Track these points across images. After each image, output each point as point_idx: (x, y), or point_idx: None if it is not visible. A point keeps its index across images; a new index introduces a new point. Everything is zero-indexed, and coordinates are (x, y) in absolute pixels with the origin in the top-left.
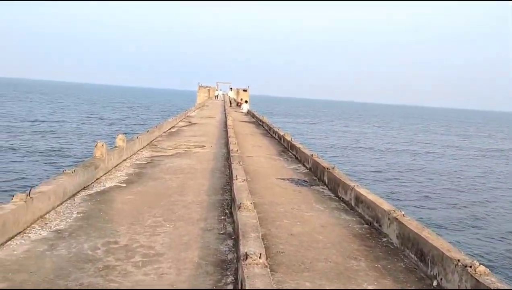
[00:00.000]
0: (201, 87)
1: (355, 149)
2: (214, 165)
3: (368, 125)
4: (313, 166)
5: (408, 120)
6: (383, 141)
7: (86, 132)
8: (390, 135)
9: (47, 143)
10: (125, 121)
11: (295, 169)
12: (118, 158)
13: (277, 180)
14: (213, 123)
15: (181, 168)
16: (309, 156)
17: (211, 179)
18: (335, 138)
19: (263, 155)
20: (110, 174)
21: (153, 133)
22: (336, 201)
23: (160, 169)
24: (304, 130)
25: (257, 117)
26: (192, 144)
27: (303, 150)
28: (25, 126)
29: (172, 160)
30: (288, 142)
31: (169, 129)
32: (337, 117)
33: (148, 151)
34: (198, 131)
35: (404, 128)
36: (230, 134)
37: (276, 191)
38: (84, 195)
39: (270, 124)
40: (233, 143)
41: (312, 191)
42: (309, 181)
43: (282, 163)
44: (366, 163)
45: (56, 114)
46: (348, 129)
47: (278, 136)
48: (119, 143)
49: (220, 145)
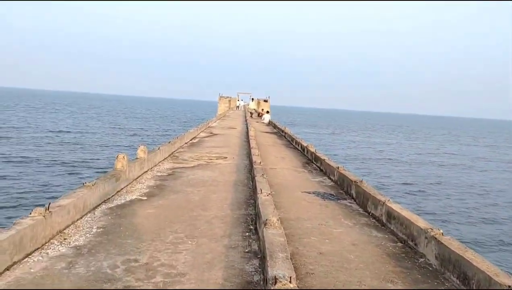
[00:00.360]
0: (222, 97)
1: (379, 160)
2: (236, 177)
3: (391, 135)
4: (339, 179)
5: (435, 130)
6: (409, 152)
7: (110, 143)
8: (415, 145)
9: (71, 154)
10: (147, 131)
11: (320, 181)
12: (139, 169)
13: (303, 193)
14: (235, 134)
15: (203, 180)
16: (335, 169)
17: (234, 192)
18: (358, 149)
19: (287, 167)
20: (131, 186)
21: (174, 144)
22: (366, 216)
23: (181, 182)
24: (326, 140)
25: (279, 127)
26: (214, 155)
27: (328, 162)
28: (51, 137)
29: (194, 172)
30: (312, 153)
31: (190, 140)
32: (360, 128)
33: (170, 162)
34: (219, 142)
35: (430, 138)
36: (252, 145)
37: (302, 206)
38: (105, 209)
39: (293, 135)
40: (256, 155)
41: (340, 205)
42: (336, 195)
43: (307, 176)
44: (391, 175)
45: (80, 124)
46: (370, 140)
47: (301, 147)
48: (140, 155)
49: (242, 156)
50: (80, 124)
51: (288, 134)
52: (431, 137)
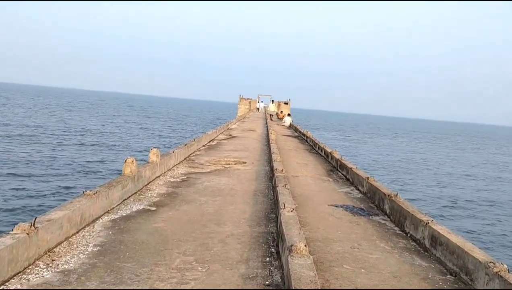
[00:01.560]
0: (243, 99)
1: (407, 167)
2: (256, 186)
3: (416, 141)
4: (369, 190)
5: (458, 137)
6: (438, 160)
7: (131, 144)
8: (443, 153)
9: (91, 155)
10: (171, 133)
11: (347, 193)
12: (150, 175)
13: (329, 207)
14: (255, 137)
15: (219, 188)
16: (364, 179)
17: (253, 204)
18: (383, 155)
19: (310, 175)
20: (139, 194)
21: (191, 147)
22: (404, 237)
23: (195, 189)
24: (347, 145)
25: (300, 131)
26: (232, 159)
27: (356, 171)
28: (75, 137)
29: (210, 178)
30: (337, 160)
31: (208, 142)
32: (384, 133)
33: (185, 166)
34: (238, 145)
35: (455, 146)
36: (273, 150)
37: (330, 222)
38: (106, 221)
39: (315, 140)
40: (277, 161)
41: (372, 223)
42: (366, 210)
43: (332, 185)
44: (425, 187)
45: (106, 124)
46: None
47: (324, 153)
48: (153, 158)
49: (263, 161)
50: (106, 124)
51: (310, 138)
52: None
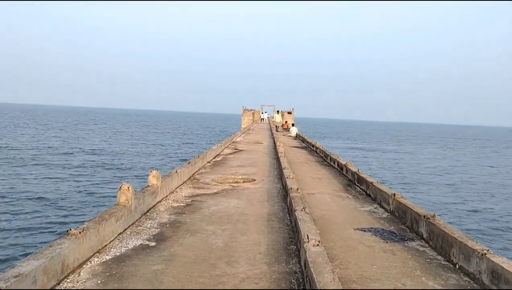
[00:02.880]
0: (246, 110)
1: (425, 177)
2: (269, 209)
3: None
4: (397, 209)
5: (467, 140)
6: (459, 169)
7: (139, 163)
8: (461, 161)
9: (91, 178)
10: (180, 149)
11: (371, 212)
12: (150, 201)
13: (356, 231)
14: (262, 150)
15: (228, 213)
16: (390, 196)
17: (268, 232)
18: (394, 163)
19: (327, 191)
20: (137, 225)
21: (195, 165)
22: (452, 270)
23: (201, 216)
24: (355, 154)
25: (308, 141)
26: (240, 177)
27: (379, 186)
28: (80, 157)
29: (217, 200)
30: (353, 173)
31: (213, 158)
32: (391, 139)
33: (189, 187)
34: (245, 160)
35: (465, 149)
36: (283, 164)
37: (361, 253)
38: (96, 265)
39: (326, 151)
40: (290, 178)
41: (409, 251)
42: (398, 233)
43: (353, 203)
44: (440, 197)
45: (110, 141)
46: (404, 151)
47: (338, 165)
48: (153, 182)
49: (273, 177)
50: (110, 141)
51: (320, 149)
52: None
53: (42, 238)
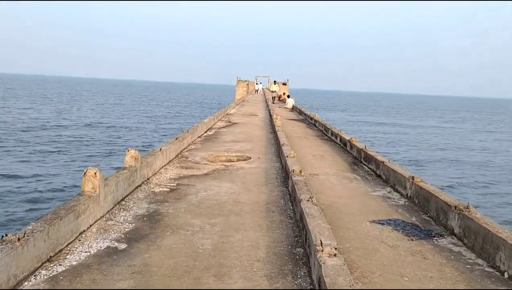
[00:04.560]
0: (240, 81)
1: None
2: (268, 195)
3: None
4: (416, 195)
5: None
6: (474, 144)
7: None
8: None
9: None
10: (174, 122)
11: (386, 197)
12: (126, 187)
13: (372, 225)
14: (257, 123)
15: (219, 201)
16: (407, 179)
17: (268, 228)
18: (399, 135)
19: (332, 172)
20: (106, 220)
21: (183, 141)
22: (501, 280)
23: (187, 205)
24: (363, 129)
25: (306, 114)
26: (234, 154)
27: (392, 167)
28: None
29: (207, 184)
30: (359, 150)
31: (205, 132)
32: (388, 111)
33: (175, 167)
34: (239, 134)
35: (468, 121)
36: (282, 140)
37: (383, 257)
38: (41, 281)
39: (326, 124)
40: (291, 157)
41: (441, 252)
42: (422, 226)
43: (363, 186)
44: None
45: (96, 113)
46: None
47: (340, 140)
48: (130, 163)
49: (271, 155)
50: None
51: (319, 122)
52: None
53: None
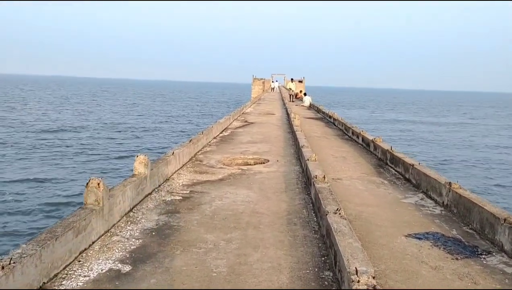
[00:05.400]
0: (256, 79)
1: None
2: (288, 204)
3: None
4: (455, 203)
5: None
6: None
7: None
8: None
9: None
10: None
11: (419, 205)
12: (134, 196)
13: (408, 239)
14: (274, 122)
15: (235, 212)
16: (443, 185)
17: (290, 245)
18: (424, 134)
19: (356, 176)
20: (111, 235)
21: (198, 143)
22: None
23: (200, 216)
24: (386, 127)
25: (323, 112)
26: (251, 157)
27: (424, 171)
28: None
29: (222, 190)
30: (384, 151)
31: (220, 133)
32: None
33: (189, 172)
34: (256, 134)
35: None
36: (301, 142)
37: (426, 280)
38: None
39: (347, 123)
40: (312, 160)
41: (493, 274)
42: (466, 241)
43: (392, 192)
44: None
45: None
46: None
47: (363, 139)
48: (140, 170)
49: (290, 157)
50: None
51: (339, 121)
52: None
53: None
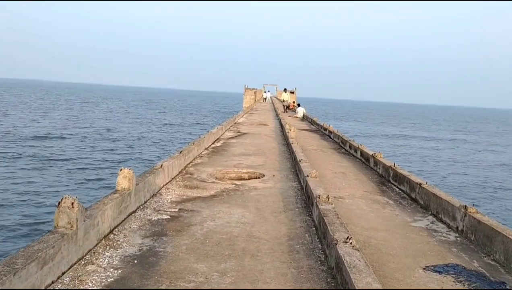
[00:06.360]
0: (248, 89)
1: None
2: (288, 227)
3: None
4: (472, 230)
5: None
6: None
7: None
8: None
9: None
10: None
11: (431, 231)
12: (116, 215)
13: (427, 273)
14: (268, 133)
15: (229, 236)
16: (457, 208)
17: (294, 279)
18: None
19: (358, 194)
20: (84, 265)
21: (189, 154)
22: None
23: (190, 241)
24: (379, 143)
25: (318, 124)
26: (245, 171)
27: (433, 191)
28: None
29: (215, 209)
30: (386, 168)
31: (212, 143)
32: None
33: (179, 186)
34: (250, 146)
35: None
36: (299, 156)
37: None
38: None
39: (343, 136)
40: (312, 177)
41: None
42: (490, 276)
43: (399, 214)
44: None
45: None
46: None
47: (361, 154)
48: (123, 185)
49: (286, 171)
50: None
51: (334, 133)
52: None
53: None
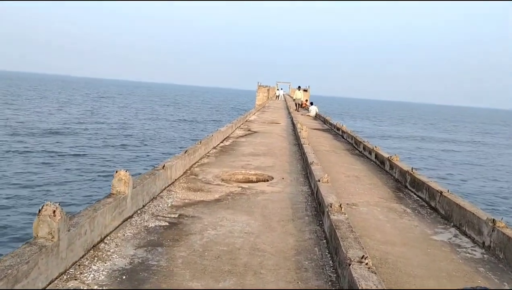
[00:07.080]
0: (261, 86)
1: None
2: (297, 238)
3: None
4: (502, 247)
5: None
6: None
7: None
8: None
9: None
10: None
11: (454, 245)
12: (109, 222)
13: None
14: (279, 132)
15: (231, 248)
16: (485, 222)
17: None
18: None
19: (373, 202)
20: (65, 280)
21: (194, 154)
22: None
23: (187, 252)
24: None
25: (331, 123)
26: (253, 172)
27: (457, 201)
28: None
29: (217, 216)
30: (403, 172)
31: (221, 142)
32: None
33: (181, 189)
34: (260, 145)
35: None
36: (310, 158)
37: None
38: None
39: (357, 136)
40: (324, 182)
41: None
42: None
43: (418, 225)
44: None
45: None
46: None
47: (376, 156)
48: (118, 188)
49: (296, 174)
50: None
51: (348, 133)
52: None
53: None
